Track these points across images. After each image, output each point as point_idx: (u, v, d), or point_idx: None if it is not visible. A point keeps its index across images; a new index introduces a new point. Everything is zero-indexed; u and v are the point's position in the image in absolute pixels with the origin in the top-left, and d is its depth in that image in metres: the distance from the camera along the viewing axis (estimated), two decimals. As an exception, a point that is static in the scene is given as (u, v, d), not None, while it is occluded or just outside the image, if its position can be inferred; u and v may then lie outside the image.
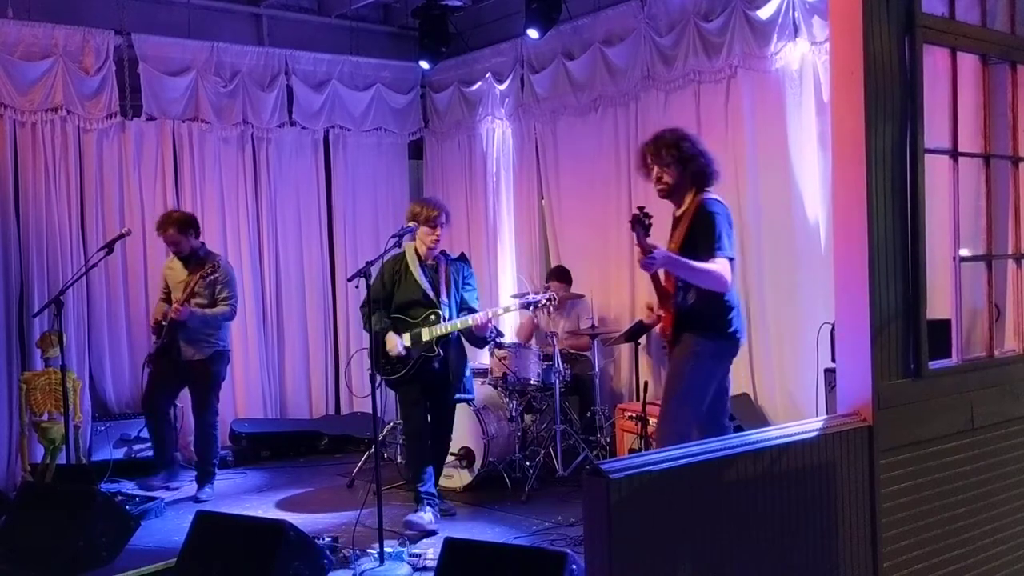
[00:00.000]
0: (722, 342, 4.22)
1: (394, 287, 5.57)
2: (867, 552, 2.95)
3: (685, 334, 4.20)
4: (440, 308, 5.48)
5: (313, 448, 7.76)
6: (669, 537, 2.47)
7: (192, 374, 6.28)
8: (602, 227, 7.43)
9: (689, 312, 4.19)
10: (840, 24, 3.07)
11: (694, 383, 4.19)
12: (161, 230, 6.27)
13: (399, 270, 5.57)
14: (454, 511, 5.68)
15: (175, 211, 6.58)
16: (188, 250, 6.27)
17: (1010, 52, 3.58)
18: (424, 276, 5.53)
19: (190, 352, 6.19)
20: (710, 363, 4.22)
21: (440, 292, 5.52)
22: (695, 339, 4.18)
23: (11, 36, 6.87)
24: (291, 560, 4.06)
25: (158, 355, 6.30)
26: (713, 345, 4.20)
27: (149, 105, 7.49)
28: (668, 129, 4.39)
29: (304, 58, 8.21)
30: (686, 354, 4.20)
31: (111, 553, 4.78)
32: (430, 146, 9.06)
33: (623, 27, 7.15)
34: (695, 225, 4.16)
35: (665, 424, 4.23)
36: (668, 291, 4.26)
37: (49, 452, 6.54)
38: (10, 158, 6.90)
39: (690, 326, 4.20)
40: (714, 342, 4.20)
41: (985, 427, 3.32)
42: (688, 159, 4.21)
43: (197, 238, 6.34)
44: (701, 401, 4.20)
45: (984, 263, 3.57)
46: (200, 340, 6.21)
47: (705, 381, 4.21)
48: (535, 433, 6.53)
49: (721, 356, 4.26)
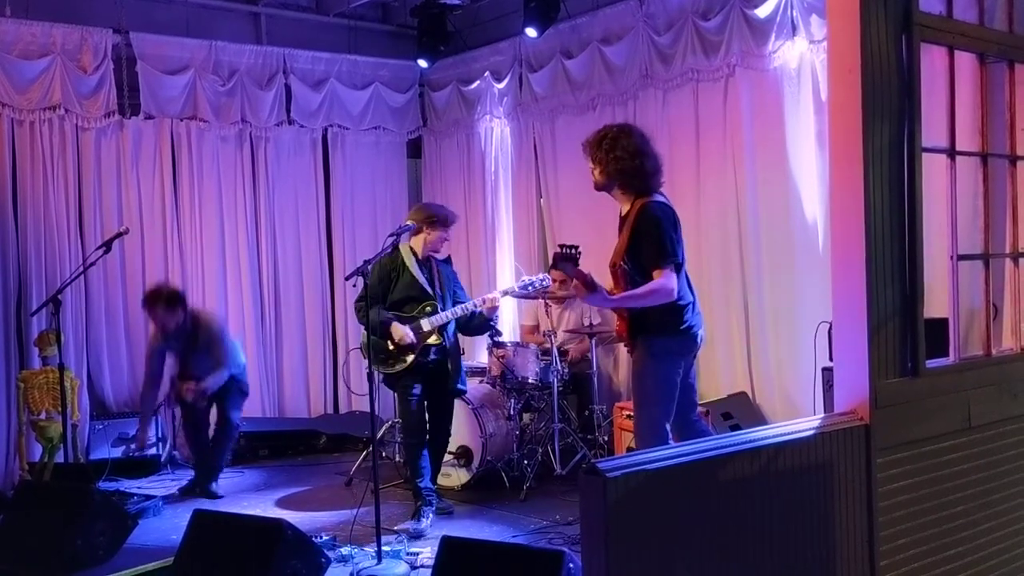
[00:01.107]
0: (676, 339, 4.18)
1: (390, 285, 5.60)
2: (864, 551, 2.95)
3: (639, 337, 4.19)
4: (436, 300, 5.57)
5: (311, 447, 7.76)
6: (666, 536, 2.47)
7: (218, 393, 6.41)
8: (601, 226, 7.40)
9: (640, 316, 4.16)
10: (838, 22, 3.07)
11: (657, 383, 4.17)
12: (149, 307, 6.25)
13: (395, 268, 5.60)
14: (451, 509, 5.69)
15: (163, 287, 6.49)
16: (173, 327, 6.27)
17: (1008, 51, 3.58)
18: (421, 273, 5.59)
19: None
20: (667, 362, 4.17)
21: (435, 287, 5.62)
22: (649, 340, 4.17)
23: (9, 34, 6.86)
24: (289, 559, 4.06)
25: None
26: (667, 343, 4.17)
27: (147, 104, 7.48)
28: (615, 124, 4.36)
29: (302, 57, 8.21)
30: (644, 357, 4.19)
31: (109, 552, 4.78)
32: (428, 145, 9.06)
33: (621, 26, 7.15)
34: (638, 231, 4.11)
35: (640, 428, 4.25)
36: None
37: (47, 451, 6.54)
38: (8, 157, 6.90)
39: (641, 329, 4.18)
40: (668, 340, 4.17)
41: (982, 426, 3.33)
42: (624, 157, 4.15)
43: (184, 310, 6.32)
44: (669, 399, 4.17)
45: (981, 262, 3.57)
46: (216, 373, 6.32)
47: (666, 380, 4.17)
48: (533, 432, 6.53)
49: (678, 353, 4.21)
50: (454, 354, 5.71)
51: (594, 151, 4.22)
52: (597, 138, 4.24)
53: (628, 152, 4.15)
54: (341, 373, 8.34)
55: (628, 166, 4.15)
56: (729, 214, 6.50)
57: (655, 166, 4.22)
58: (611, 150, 4.17)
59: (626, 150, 4.16)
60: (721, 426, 5.94)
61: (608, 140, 4.19)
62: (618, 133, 4.22)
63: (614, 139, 4.19)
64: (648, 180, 4.20)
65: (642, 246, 4.09)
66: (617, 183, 4.22)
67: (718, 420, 5.99)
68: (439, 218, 5.62)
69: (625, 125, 4.42)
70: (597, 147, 4.21)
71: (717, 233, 6.54)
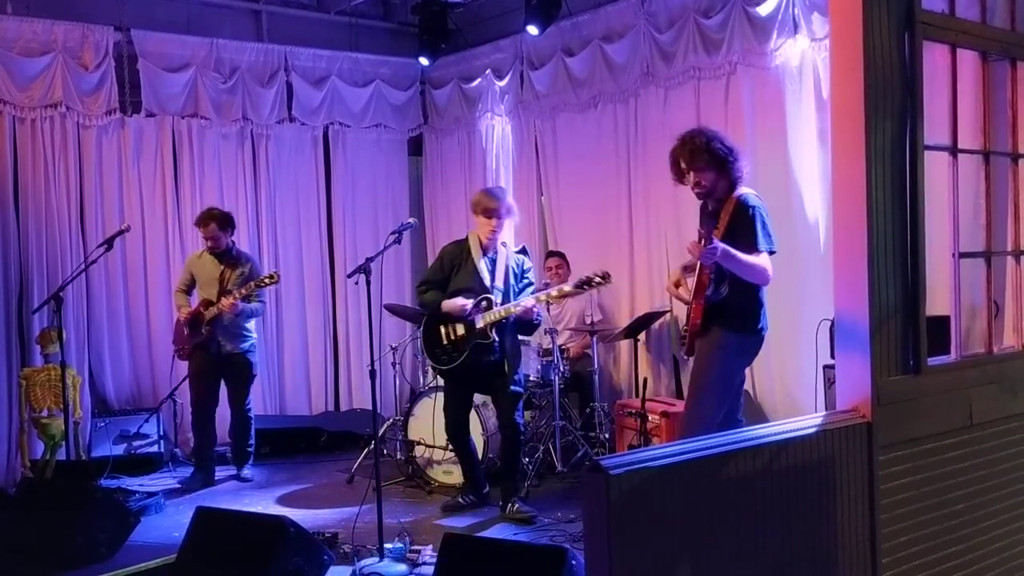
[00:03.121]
0: (749, 337, 4.29)
1: (453, 272, 5.47)
2: (866, 548, 2.96)
3: (713, 327, 4.24)
4: (492, 294, 5.38)
5: (313, 444, 7.76)
6: (668, 533, 2.47)
7: (232, 367, 6.57)
8: (602, 223, 7.44)
9: (719, 305, 4.22)
10: (840, 20, 3.06)
11: (720, 375, 4.26)
12: (202, 225, 6.56)
13: (461, 256, 5.49)
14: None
15: (215, 208, 6.79)
16: (224, 246, 6.58)
17: (1010, 49, 3.57)
18: (486, 265, 5.45)
19: (230, 346, 6.52)
20: (736, 357, 4.29)
21: (496, 280, 5.43)
22: (723, 333, 4.23)
23: (10, 32, 6.87)
24: (291, 556, 4.06)
25: (199, 348, 6.51)
26: (740, 339, 4.28)
27: (148, 101, 7.49)
28: (695, 131, 4.42)
29: (303, 54, 8.21)
30: (713, 346, 4.24)
31: (111, 549, 4.78)
32: (429, 142, 9.06)
33: (623, 23, 7.15)
34: (735, 221, 4.20)
35: (691, 415, 4.30)
36: (703, 283, 4.25)
37: (49, 448, 6.55)
38: (9, 155, 6.91)
39: (719, 319, 4.23)
40: (741, 336, 4.27)
41: (984, 424, 3.33)
42: (723, 160, 4.25)
43: (232, 235, 6.69)
44: (726, 394, 4.27)
45: (983, 259, 3.58)
46: (238, 334, 6.54)
47: (730, 374, 4.30)
48: (535, 429, 6.53)
49: (746, 351, 4.34)
50: (512, 353, 5.45)
51: (700, 160, 4.25)
52: (690, 149, 4.27)
53: (728, 149, 4.28)
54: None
55: (733, 166, 4.28)
56: (730, 212, 6.49)
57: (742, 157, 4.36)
58: (718, 153, 4.24)
59: (724, 151, 4.26)
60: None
61: (703, 147, 4.25)
62: (710, 136, 4.31)
63: (709, 145, 4.26)
64: (741, 174, 4.33)
65: (740, 234, 4.16)
66: (726, 180, 4.30)
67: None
68: (477, 205, 5.45)
69: (703, 129, 4.48)
70: (697, 156, 4.25)
71: (718, 231, 6.54)
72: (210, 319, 6.41)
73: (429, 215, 8.98)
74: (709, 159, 4.24)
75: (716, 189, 4.32)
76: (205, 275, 6.55)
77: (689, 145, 4.30)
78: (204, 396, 6.59)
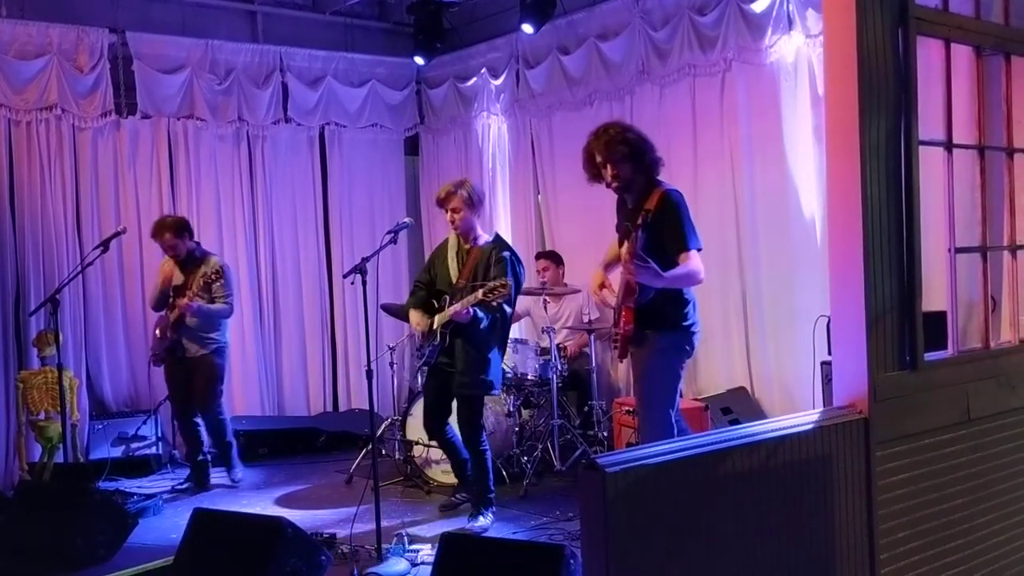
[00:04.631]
0: (682, 336, 4.25)
1: (435, 273, 5.43)
2: (864, 544, 2.96)
3: (648, 332, 4.19)
4: (454, 292, 5.24)
5: (311, 445, 7.74)
6: (666, 530, 2.47)
7: (196, 370, 6.45)
8: (598, 221, 7.40)
9: (649, 309, 4.16)
10: (834, 16, 3.06)
11: (664, 379, 4.24)
12: (157, 236, 6.43)
13: (439, 256, 5.47)
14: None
15: (167, 216, 6.73)
16: (184, 252, 6.45)
17: (1004, 43, 3.58)
18: (456, 261, 5.36)
19: (193, 349, 6.42)
20: (677, 358, 4.25)
21: (462, 277, 5.25)
22: (658, 336, 4.20)
23: (5, 34, 6.86)
24: (289, 557, 4.05)
25: (167, 355, 6.47)
26: (675, 339, 4.24)
27: (144, 103, 7.47)
28: (608, 124, 4.38)
29: (299, 55, 8.20)
30: (653, 351, 4.22)
31: (109, 551, 4.78)
32: (426, 142, 9.05)
33: (618, 22, 7.15)
34: (661, 219, 4.13)
35: (648, 423, 4.27)
36: (632, 288, 4.17)
37: (46, 451, 6.54)
38: (5, 157, 6.90)
39: (651, 323, 4.18)
40: (675, 336, 4.23)
41: (981, 419, 3.33)
42: (640, 151, 4.21)
43: (191, 239, 6.52)
44: (673, 394, 4.26)
45: (979, 254, 3.58)
46: (201, 338, 6.42)
47: (675, 375, 4.27)
48: (533, 428, 6.53)
49: (683, 349, 4.28)
50: (465, 354, 5.18)
51: (616, 148, 4.20)
52: (605, 140, 4.22)
53: (644, 141, 4.24)
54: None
55: (650, 157, 4.23)
56: (726, 209, 6.50)
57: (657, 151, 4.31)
58: (635, 145, 4.21)
59: (640, 142, 4.22)
60: (720, 421, 5.95)
61: (618, 138, 4.21)
62: (621, 129, 4.27)
63: (624, 132, 4.24)
64: (658, 167, 4.29)
65: (667, 233, 4.12)
66: (643, 173, 4.26)
67: (717, 415, 6.01)
68: (436, 200, 5.40)
69: (614, 121, 4.47)
70: (619, 143, 4.20)
71: (715, 228, 6.52)
72: (173, 322, 6.34)
73: (425, 215, 8.97)
74: (626, 150, 4.19)
75: (634, 182, 4.26)
76: (172, 284, 6.50)
77: (604, 136, 4.24)
78: (176, 401, 6.58)
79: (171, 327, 6.35)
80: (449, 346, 5.24)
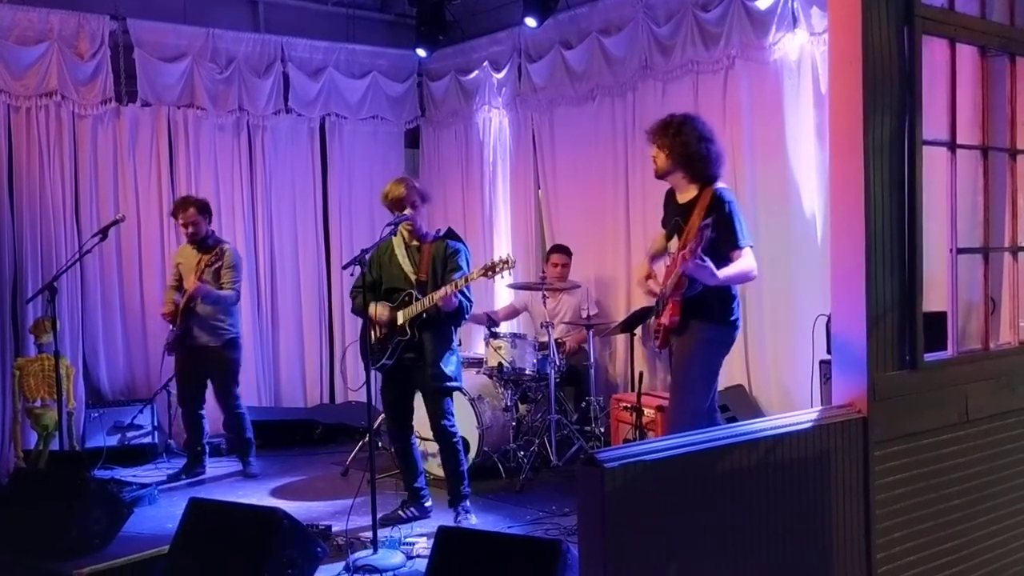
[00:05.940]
0: (726, 329, 4.32)
1: (380, 273, 5.31)
2: (861, 543, 2.96)
3: (692, 322, 4.24)
4: (415, 289, 5.14)
5: (308, 437, 7.74)
6: (663, 526, 2.47)
7: (209, 363, 6.45)
8: (599, 217, 7.42)
9: (696, 301, 4.21)
10: (839, 15, 3.05)
11: (704, 370, 4.28)
12: (181, 211, 6.42)
13: (383, 256, 5.33)
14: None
15: (191, 195, 6.73)
16: (203, 233, 6.46)
17: (1009, 44, 3.57)
18: (408, 258, 5.26)
19: (204, 339, 6.39)
20: (717, 349, 4.32)
21: (420, 273, 5.17)
22: (702, 326, 4.24)
23: (5, 20, 6.83)
24: (285, 548, 4.04)
25: (177, 343, 6.44)
26: (719, 331, 4.30)
27: (144, 91, 7.45)
28: (680, 113, 4.42)
29: (300, 45, 8.18)
30: (696, 341, 4.25)
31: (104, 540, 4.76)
32: (426, 135, 9.04)
33: (621, 17, 7.13)
34: (714, 216, 4.15)
35: (680, 410, 4.30)
36: (683, 282, 4.22)
37: (42, 438, 6.53)
38: (4, 143, 6.89)
39: (696, 314, 4.23)
40: (719, 328, 4.29)
41: (980, 419, 3.33)
42: (685, 143, 4.23)
43: (210, 223, 6.55)
44: (711, 386, 4.31)
45: (981, 256, 3.57)
46: (212, 327, 6.40)
47: (713, 368, 4.33)
48: (530, 423, 6.53)
49: (725, 343, 4.36)
50: (434, 346, 5.12)
51: (659, 136, 4.30)
52: (662, 124, 4.32)
53: (694, 137, 4.25)
54: (337, 367, 8.32)
55: (694, 150, 4.24)
56: (727, 206, 6.48)
57: (719, 152, 4.31)
58: (677, 135, 4.25)
59: (691, 135, 4.25)
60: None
61: (674, 126, 4.28)
62: (683, 119, 4.32)
63: (680, 125, 4.28)
64: (713, 166, 4.29)
65: (719, 231, 4.13)
66: (681, 168, 4.29)
67: (715, 412, 6.00)
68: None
69: (689, 114, 4.50)
70: (663, 133, 4.29)
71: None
72: (183, 308, 6.31)
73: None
74: (667, 140, 4.26)
75: (670, 173, 4.33)
76: (186, 268, 6.48)
77: (663, 120, 4.34)
78: (184, 392, 6.55)
79: (180, 316, 6.34)
80: (418, 341, 5.13)
